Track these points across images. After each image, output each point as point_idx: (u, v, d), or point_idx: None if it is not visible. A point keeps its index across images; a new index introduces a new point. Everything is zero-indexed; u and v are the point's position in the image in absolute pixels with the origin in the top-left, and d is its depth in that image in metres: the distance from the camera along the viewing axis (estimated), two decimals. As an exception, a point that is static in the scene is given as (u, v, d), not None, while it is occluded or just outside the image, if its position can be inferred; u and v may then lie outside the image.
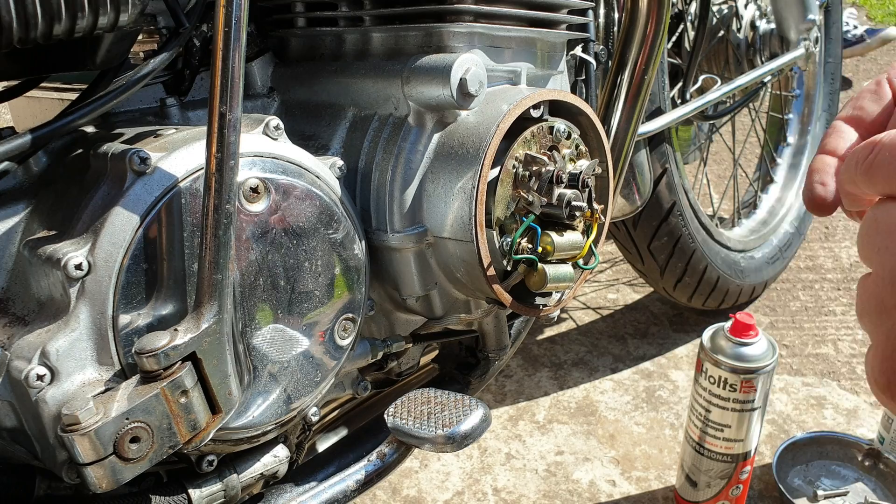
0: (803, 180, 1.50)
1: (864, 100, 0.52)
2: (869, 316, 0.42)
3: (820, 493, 1.34)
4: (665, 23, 1.05)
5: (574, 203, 0.74)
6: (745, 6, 1.90)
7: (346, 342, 0.75)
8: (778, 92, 2.07)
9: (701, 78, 1.70)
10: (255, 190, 0.65)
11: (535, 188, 0.74)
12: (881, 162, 0.41)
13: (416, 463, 1.49)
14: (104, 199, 0.61)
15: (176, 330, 0.58)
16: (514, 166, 0.74)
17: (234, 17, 0.57)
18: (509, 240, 0.74)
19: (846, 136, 0.51)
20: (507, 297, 0.76)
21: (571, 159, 0.79)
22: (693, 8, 1.76)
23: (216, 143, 0.58)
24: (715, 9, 1.89)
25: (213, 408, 0.61)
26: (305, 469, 0.85)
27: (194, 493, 0.71)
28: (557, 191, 0.74)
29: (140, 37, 0.77)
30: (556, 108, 0.80)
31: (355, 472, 0.78)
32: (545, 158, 0.74)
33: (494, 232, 0.74)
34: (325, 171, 0.72)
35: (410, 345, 0.87)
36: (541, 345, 1.86)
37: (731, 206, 2.11)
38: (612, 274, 2.17)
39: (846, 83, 3.67)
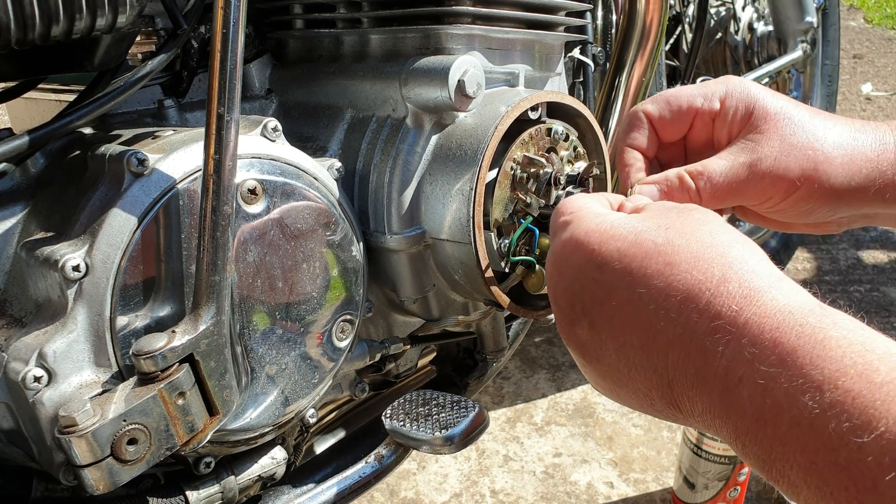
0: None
1: (634, 132, 0.65)
2: None
3: (818, 494, 1.34)
4: (663, 25, 1.05)
5: None
6: (743, 8, 1.91)
7: (343, 344, 0.75)
8: (775, 94, 2.07)
9: (699, 80, 1.70)
10: (252, 191, 0.65)
11: (533, 190, 0.74)
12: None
13: (413, 465, 1.49)
14: (102, 200, 0.61)
15: (174, 332, 0.58)
16: (511, 168, 0.74)
17: (231, 18, 0.57)
18: (507, 241, 0.74)
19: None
20: (505, 299, 0.76)
21: (569, 161, 0.79)
22: (691, 10, 1.77)
23: (214, 144, 0.58)
24: (713, 11, 1.90)
25: (211, 409, 0.61)
26: (303, 471, 0.85)
27: (192, 495, 0.71)
28: (555, 192, 0.74)
29: (138, 38, 0.77)
30: (554, 109, 0.80)
31: (353, 474, 0.78)
32: (543, 160, 0.74)
33: (492, 234, 0.74)
34: (323, 172, 0.72)
35: (408, 346, 0.87)
36: (538, 346, 1.86)
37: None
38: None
39: None
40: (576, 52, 1.05)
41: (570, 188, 0.73)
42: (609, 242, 0.49)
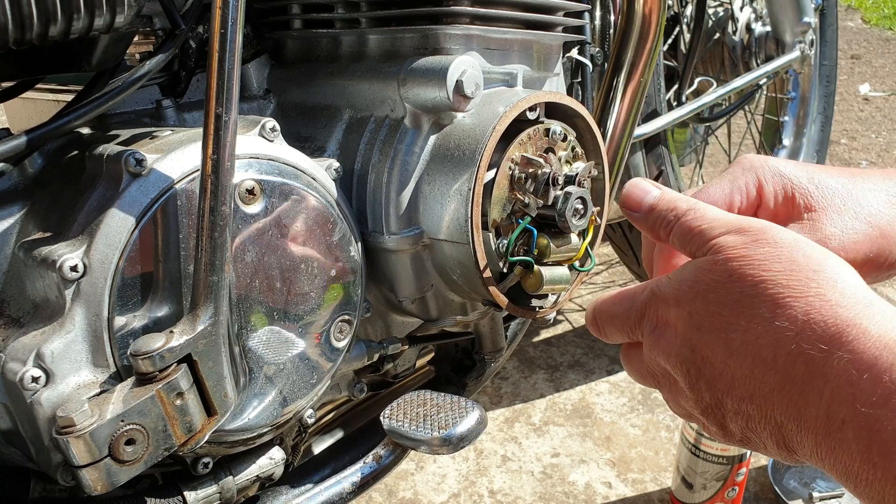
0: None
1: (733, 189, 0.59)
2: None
3: (815, 494, 1.34)
4: (661, 25, 1.05)
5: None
6: (741, 9, 1.91)
7: (342, 344, 0.75)
8: (773, 94, 2.08)
9: (697, 80, 1.70)
10: (251, 192, 0.65)
11: (531, 190, 0.74)
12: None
13: (412, 465, 1.49)
14: (100, 200, 0.61)
15: (171, 332, 0.58)
16: (510, 168, 0.74)
17: (230, 18, 0.57)
18: (505, 242, 0.74)
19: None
20: (503, 299, 0.76)
21: (567, 161, 0.79)
22: (689, 10, 1.77)
23: (212, 144, 0.58)
24: (711, 11, 1.90)
25: (209, 410, 0.61)
26: (301, 471, 0.85)
27: (190, 496, 0.71)
28: (553, 193, 0.74)
29: (136, 38, 0.77)
30: (553, 110, 0.80)
31: (351, 475, 0.78)
32: (541, 160, 0.74)
33: (490, 234, 0.74)
34: (321, 172, 0.72)
35: (406, 347, 0.87)
36: (537, 347, 1.86)
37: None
38: (608, 276, 2.18)
39: None
40: (574, 53, 1.05)
41: (568, 188, 0.74)
42: (697, 301, 0.49)
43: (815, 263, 0.45)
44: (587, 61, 1.04)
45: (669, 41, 1.73)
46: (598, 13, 1.19)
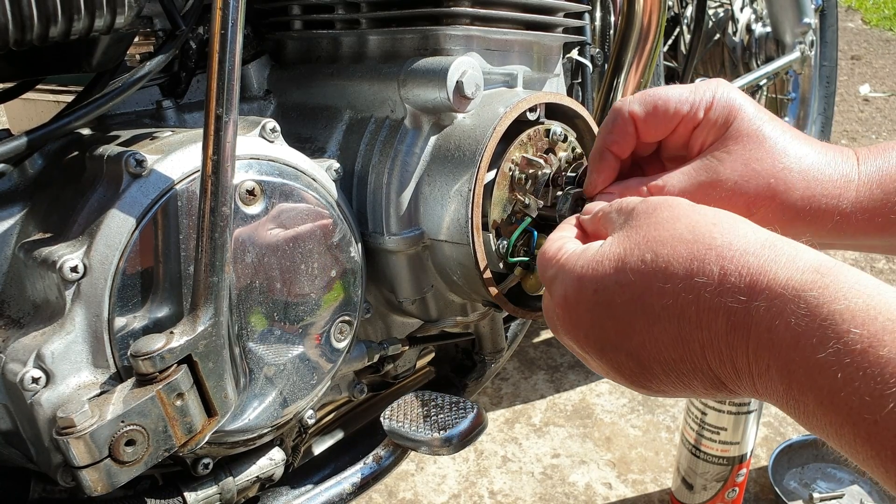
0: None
1: (616, 132, 0.64)
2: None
3: (816, 495, 1.34)
4: (661, 26, 1.05)
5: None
6: (741, 10, 1.91)
7: (342, 345, 0.75)
8: (773, 95, 2.08)
9: (697, 81, 1.70)
10: (251, 192, 0.65)
11: (532, 191, 0.74)
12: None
13: (412, 466, 1.49)
14: (100, 201, 0.61)
15: (172, 333, 0.58)
16: (510, 169, 0.74)
17: (230, 19, 0.57)
18: (505, 242, 0.74)
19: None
20: (503, 300, 0.76)
21: (568, 162, 0.79)
22: (689, 11, 1.77)
23: (212, 145, 0.58)
24: (711, 12, 1.90)
25: (209, 411, 0.61)
26: (301, 472, 0.85)
27: (190, 496, 0.71)
28: (553, 193, 0.74)
29: (136, 39, 0.77)
30: (553, 110, 0.80)
31: (351, 475, 0.78)
32: (541, 161, 0.74)
33: (491, 235, 0.74)
34: (321, 173, 0.72)
35: (407, 347, 0.87)
36: (537, 347, 1.86)
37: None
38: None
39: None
40: (574, 54, 1.05)
41: (568, 189, 0.74)
42: (604, 280, 0.50)
43: (712, 220, 0.48)
44: (587, 62, 1.05)
45: (669, 42, 1.74)
46: (598, 14, 1.19)
